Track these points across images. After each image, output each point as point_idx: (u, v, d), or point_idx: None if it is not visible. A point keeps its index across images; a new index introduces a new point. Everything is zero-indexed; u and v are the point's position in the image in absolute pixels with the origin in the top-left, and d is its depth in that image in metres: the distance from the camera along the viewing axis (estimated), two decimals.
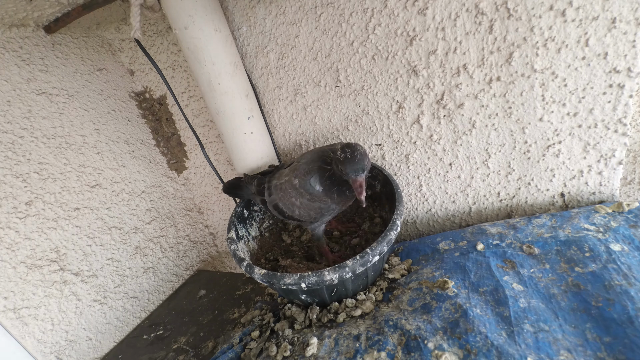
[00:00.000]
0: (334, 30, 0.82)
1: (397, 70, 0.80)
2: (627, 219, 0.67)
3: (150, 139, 1.29)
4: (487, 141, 0.79)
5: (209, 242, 1.52)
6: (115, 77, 1.18)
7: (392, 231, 0.66)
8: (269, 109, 1.04)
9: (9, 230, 0.87)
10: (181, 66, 1.14)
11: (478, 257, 0.70)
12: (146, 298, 1.20)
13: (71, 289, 0.98)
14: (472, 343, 0.53)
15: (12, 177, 0.88)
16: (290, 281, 0.63)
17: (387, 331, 0.61)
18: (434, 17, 0.71)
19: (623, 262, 0.59)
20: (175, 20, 0.79)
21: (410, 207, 0.98)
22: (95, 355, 1.04)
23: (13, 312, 0.87)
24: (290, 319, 0.77)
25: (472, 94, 0.75)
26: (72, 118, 1.03)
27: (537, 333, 0.53)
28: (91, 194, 1.06)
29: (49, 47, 0.98)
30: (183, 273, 1.37)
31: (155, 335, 1.05)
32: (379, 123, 0.90)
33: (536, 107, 0.72)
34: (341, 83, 0.89)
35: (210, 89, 0.87)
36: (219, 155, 1.28)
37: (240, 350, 0.74)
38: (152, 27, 1.11)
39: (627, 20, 0.59)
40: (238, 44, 0.96)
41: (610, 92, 0.66)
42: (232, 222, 0.85)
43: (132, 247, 1.17)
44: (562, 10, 0.62)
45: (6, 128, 0.88)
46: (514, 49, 0.68)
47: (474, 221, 0.91)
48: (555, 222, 0.72)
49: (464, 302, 0.60)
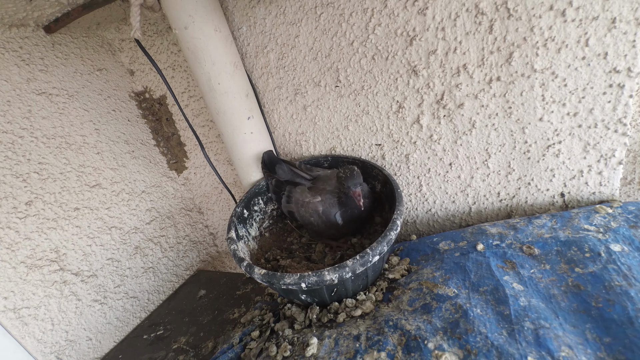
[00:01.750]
0: (334, 30, 0.82)
1: (397, 70, 0.80)
2: (627, 219, 0.67)
3: (150, 139, 1.29)
4: (487, 141, 0.79)
5: (209, 242, 1.52)
6: (115, 77, 1.18)
7: (392, 231, 0.66)
8: (269, 109, 1.04)
9: (9, 230, 0.87)
10: (181, 66, 1.14)
11: (478, 258, 0.70)
12: (146, 298, 1.20)
13: (71, 289, 0.98)
14: (472, 343, 0.53)
15: (12, 177, 0.88)
16: (290, 281, 0.63)
17: (387, 331, 0.61)
18: (434, 17, 0.71)
19: (623, 262, 0.59)
20: (175, 20, 0.79)
21: (410, 207, 0.98)
22: (95, 355, 1.04)
23: (13, 312, 0.87)
24: (290, 319, 0.76)
25: (472, 94, 0.75)
26: (72, 118, 1.03)
27: (537, 329, 0.53)
28: (91, 194, 1.06)
29: (49, 47, 0.98)
30: (183, 273, 1.37)
31: (155, 335, 1.06)
32: (379, 123, 0.90)
33: (536, 107, 0.72)
34: (341, 83, 0.88)
35: (210, 89, 0.87)
36: (219, 155, 1.28)
37: (240, 350, 0.74)
38: (152, 27, 1.11)
39: (627, 20, 0.59)
40: (238, 44, 0.96)
41: (610, 92, 0.66)
42: (232, 222, 0.85)
43: (132, 247, 1.17)
44: (562, 10, 0.62)
45: (6, 128, 0.88)
46: (514, 49, 0.68)
47: (474, 221, 0.91)
48: (555, 222, 0.72)
49: (464, 302, 0.60)
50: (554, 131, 0.73)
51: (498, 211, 0.87)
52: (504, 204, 0.86)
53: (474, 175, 0.85)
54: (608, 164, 0.73)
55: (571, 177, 0.77)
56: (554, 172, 0.77)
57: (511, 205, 0.85)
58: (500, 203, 0.86)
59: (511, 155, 0.79)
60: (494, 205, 0.87)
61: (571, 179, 0.77)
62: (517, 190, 0.83)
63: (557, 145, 0.74)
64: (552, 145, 0.74)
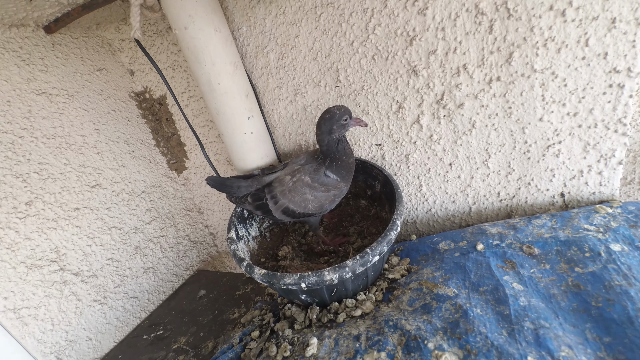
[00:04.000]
0: (334, 30, 0.82)
1: (397, 70, 0.80)
2: (627, 219, 0.67)
3: (150, 139, 1.29)
4: (487, 141, 0.79)
5: (209, 242, 1.52)
6: (115, 77, 1.18)
7: (392, 231, 0.66)
8: (269, 109, 1.04)
9: (9, 230, 0.87)
10: (181, 66, 1.14)
11: (478, 257, 0.70)
12: (146, 298, 1.20)
13: (71, 289, 0.98)
14: (472, 343, 0.53)
15: (12, 177, 0.88)
16: (290, 281, 0.63)
17: (387, 331, 0.61)
18: (434, 17, 0.71)
19: (623, 262, 0.59)
20: (175, 20, 0.79)
21: (410, 207, 0.98)
22: (95, 355, 1.04)
23: (13, 312, 0.87)
24: (290, 319, 0.77)
25: (472, 94, 0.75)
26: (72, 118, 1.03)
27: (537, 329, 0.53)
28: (91, 194, 1.06)
29: (49, 47, 0.98)
30: (183, 273, 1.37)
31: (155, 335, 1.06)
32: (379, 123, 0.90)
33: (536, 107, 0.72)
34: (341, 83, 0.89)
35: (210, 89, 0.87)
36: (219, 155, 1.28)
37: (240, 350, 0.74)
38: (152, 27, 1.11)
39: (627, 20, 0.59)
40: (238, 44, 0.96)
41: (610, 92, 0.66)
42: (232, 222, 0.85)
43: (132, 247, 1.17)
44: (562, 10, 0.62)
45: (6, 128, 0.88)
46: (514, 49, 0.68)
47: (474, 221, 0.91)
48: (555, 222, 0.72)
49: (464, 302, 0.60)
50: (554, 131, 0.73)
51: (498, 211, 0.87)
52: (504, 204, 0.86)
53: (474, 175, 0.85)
54: (608, 164, 0.73)
55: (571, 177, 0.77)
56: (554, 172, 0.77)
57: (511, 205, 0.85)
58: (500, 203, 0.86)
59: (511, 155, 0.79)
60: (494, 205, 0.87)
61: (571, 179, 0.77)
62: (517, 190, 0.83)
63: (557, 145, 0.74)
64: (552, 145, 0.74)
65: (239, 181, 0.84)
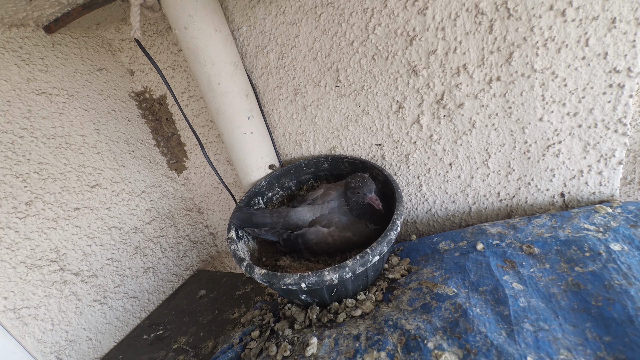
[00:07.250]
0: (334, 30, 0.83)
1: (397, 70, 0.80)
2: (627, 219, 0.67)
3: (150, 139, 1.29)
4: (487, 141, 0.79)
5: (209, 242, 1.52)
6: (115, 77, 1.18)
7: (392, 231, 0.66)
8: (269, 109, 1.04)
9: (9, 230, 0.87)
10: (181, 66, 1.14)
11: (478, 257, 0.70)
12: (146, 298, 1.20)
13: (71, 289, 0.98)
14: (471, 343, 0.53)
15: (12, 177, 0.88)
16: (290, 281, 0.63)
17: (387, 331, 0.61)
18: (434, 17, 0.71)
19: (623, 261, 0.59)
20: (175, 20, 0.79)
21: (410, 207, 0.98)
22: (95, 355, 1.04)
23: (13, 312, 0.86)
24: (290, 319, 0.76)
25: (472, 93, 0.75)
26: (72, 118, 1.03)
27: (537, 332, 0.53)
28: (91, 194, 1.06)
29: (48, 47, 0.98)
30: (183, 273, 1.37)
31: (155, 335, 1.06)
32: (379, 123, 0.90)
33: (536, 107, 0.72)
34: (341, 83, 0.89)
35: (210, 89, 0.87)
36: (219, 155, 1.28)
37: (240, 350, 0.74)
38: (152, 27, 1.11)
39: (627, 20, 0.59)
40: (238, 44, 0.96)
41: (610, 92, 0.66)
42: (232, 222, 0.85)
43: (132, 247, 1.17)
44: (562, 10, 0.62)
45: (6, 128, 0.88)
46: (514, 48, 0.68)
47: (474, 221, 0.91)
48: (555, 222, 0.72)
49: (464, 302, 0.60)
50: (554, 131, 0.73)
51: (498, 211, 0.87)
52: (504, 203, 0.86)
53: (474, 175, 0.85)
54: (608, 164, 0.73)
55: (571, 177, 0.77)
56: (554, 172, 0.77)
57: (511, 205, 0.85)
58: (500, 203, 0.86)
59: (511, 155, 0.79)
60: (494, 205, 0.87)
61: (571, 178, 0.77)
62: (517, 190, 0.83)
63: (557, 145, 0.74)
64: (552, 145, 0.74)
65: (263, 217, 0.86)
